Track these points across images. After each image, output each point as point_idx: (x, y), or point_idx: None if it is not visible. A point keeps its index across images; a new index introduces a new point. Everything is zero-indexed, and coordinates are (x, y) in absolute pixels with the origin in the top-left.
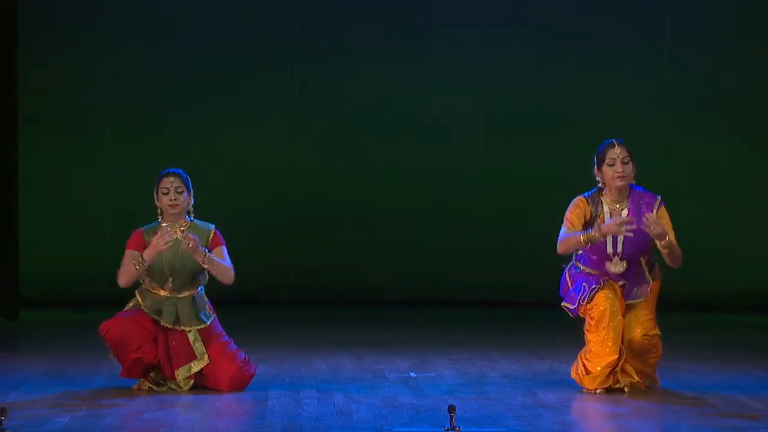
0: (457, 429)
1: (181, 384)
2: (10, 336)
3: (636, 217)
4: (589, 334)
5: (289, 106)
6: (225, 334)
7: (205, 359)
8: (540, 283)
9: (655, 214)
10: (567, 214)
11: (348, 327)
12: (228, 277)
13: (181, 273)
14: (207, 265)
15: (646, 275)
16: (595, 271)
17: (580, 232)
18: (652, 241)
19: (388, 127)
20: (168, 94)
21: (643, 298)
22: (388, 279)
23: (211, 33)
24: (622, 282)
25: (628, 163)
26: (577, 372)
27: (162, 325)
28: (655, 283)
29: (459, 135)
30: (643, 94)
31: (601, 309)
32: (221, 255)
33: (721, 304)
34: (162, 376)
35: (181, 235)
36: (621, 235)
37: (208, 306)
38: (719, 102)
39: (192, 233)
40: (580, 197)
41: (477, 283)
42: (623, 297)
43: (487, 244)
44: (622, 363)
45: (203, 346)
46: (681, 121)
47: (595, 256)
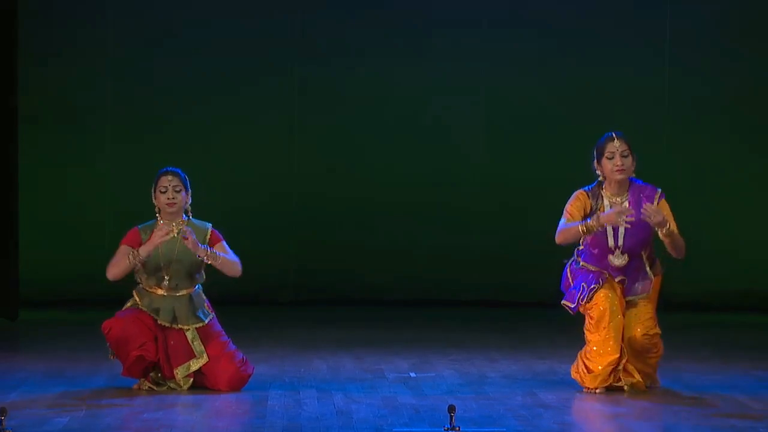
0: (457, 429)
1: (180, 383)
2: (10, 336)
3: (637, 210)
4: (589, 334)
5: (289, 106)
6: (224, 333)
7: (204, 358)
8: (540, 283)
9: (655, 206)
10: (567, 206)
11: (348, 327)
12: (235, 270)
13: (178, 271)
14: (210, 260)
15: (647, 270)
16: (595, 267)
17: (578, 222)
18: (654, 233)
19: (388, 127)
20: (168, 94)
21: (645, 294)
22: (388, 279)
23: (211, 33)
24: (620, 278)
25: (627, 156)
26: (578, 371)
27: (160, 323)
28: (656, 280)
29: (459, 135)
30: (643, 94)
31: (601, 309)
32: (223, 250)
33: (721, 304)
34: (162, 375)
35: (177, 231)
36: (620, 226)
37: (207, 304)
38: (719, 102)
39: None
40: (581, 191)
41: (477, 283)
42: (625, 293)
43: (487, 244)
44: (624, 362)
45: (202, 345)
46: (681, 121)
47: (596, 250)
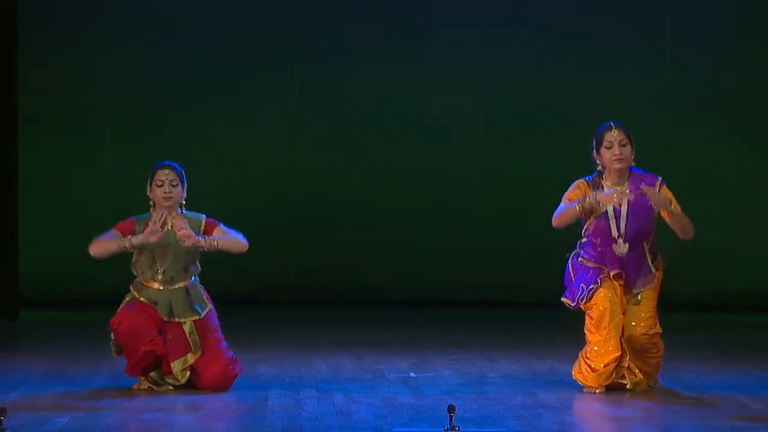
0: (457, 429)
1: (178, 376)
2: (10, 336)
3: (638, 199)
4: (590, 335)
5: (289, 106)
6: (219, 329)
7: (200, 352)
8: (540, 283)
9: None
10: (566, 193)
11: (348, 327)
12: (240, 245)
13: (172, 264)
14: (211, 247)
15: (649, 263)
16: (593, 264)
17: (575, 202)
18: (656, 221)
19: (388, 127)
20: (168, 94)
21: (650, 286)
22: (388, 279)
23: (211, 33)
24: (616, 271)
25: (626, 145)
26: (581, 371)
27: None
28: (658, 274)
29: (459, 135)
30: (643, 94)
31: (601, 309)
32: (223, 232)
33: (721, 304)
34: (161, 372)
35: (171, 224)
36: (616, 206)
37: (205, 296)
38: (719, 102)
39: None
40: (581, 180)
41: (477, 283)
42: (629, 285)
43: (487, 244)
44: (628, 362)
45: (198, 338)
46: (681, 121)
47: (598, 240)
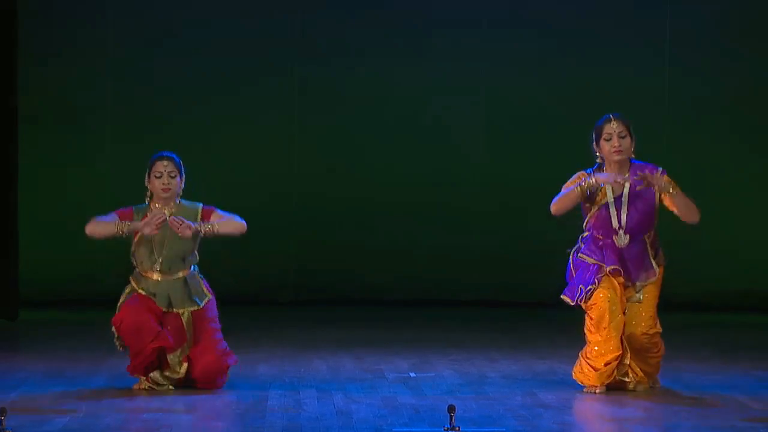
0: (457, 429)
1: (176, 368)
2: (10, 336)
3: (639, 192)
4: (590, 335)
5: (289, 106)
6: (216, 320)
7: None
8: (540, 283)
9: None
10: (566, 184)
11: (348, 327)
12: (239, 227)
13: (170, 253)
14: (209, 233)
15: (651, 258)
16: (593, 260)
17: (573, 185)
18: (657, 213)
19: (388, 127)
20: (168, 94)
21: (652, 280)
22: (388, 279)
23: (211, 33)
24: (613, 267)
25: (625, 137)
26: (582, 370)
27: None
28: (659, 270)
29: (459, 135)
30: (643, 94)
31: (601, 309)
32: (219, 217)
33: (721, 304)
34: (161, 369)
35: (169, 215)
36: (615, 186)
37: (205, 286)
38: (719, 102)
39: (180, 214)
40: (582, 172)
41: (477, 283)
42: (632, 280)
43: (487, 244)
44: (630, 361)
45: (194, 328)
46: (681, 121)
47: (600, 232)
